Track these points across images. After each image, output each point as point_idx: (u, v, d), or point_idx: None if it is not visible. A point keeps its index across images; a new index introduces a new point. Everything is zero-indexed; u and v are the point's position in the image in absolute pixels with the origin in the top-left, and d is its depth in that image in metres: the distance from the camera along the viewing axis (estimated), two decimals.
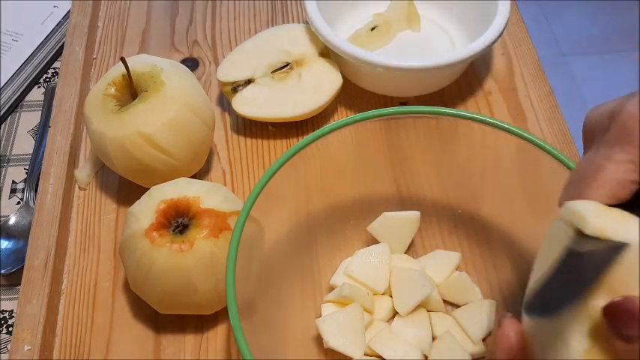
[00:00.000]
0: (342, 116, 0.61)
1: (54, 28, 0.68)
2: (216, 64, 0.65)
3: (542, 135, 0.59)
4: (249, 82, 0.58)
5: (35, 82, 0.65)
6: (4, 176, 0.58)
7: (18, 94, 0.63)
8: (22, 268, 0.49)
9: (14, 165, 0.59)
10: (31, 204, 0.56)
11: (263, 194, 0.42)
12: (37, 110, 0.63)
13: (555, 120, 0.60)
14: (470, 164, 0.49)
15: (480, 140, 0.47)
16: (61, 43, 0.67)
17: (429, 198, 0.52)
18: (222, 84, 0.58)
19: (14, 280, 0.52)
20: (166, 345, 0.48)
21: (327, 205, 0.50)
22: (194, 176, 0.53)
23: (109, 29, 0.68)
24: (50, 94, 0.63)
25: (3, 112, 0.62)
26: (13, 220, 0.55)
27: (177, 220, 0.45)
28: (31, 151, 0.59)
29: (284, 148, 0.59)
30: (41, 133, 0.60)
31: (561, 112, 0.61)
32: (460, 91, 0.63)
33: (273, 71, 0.58)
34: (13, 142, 0.61)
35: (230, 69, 0.59)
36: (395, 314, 0.48)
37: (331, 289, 0.49)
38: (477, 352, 0.46)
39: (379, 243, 0.50)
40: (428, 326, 0.47)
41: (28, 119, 0.62)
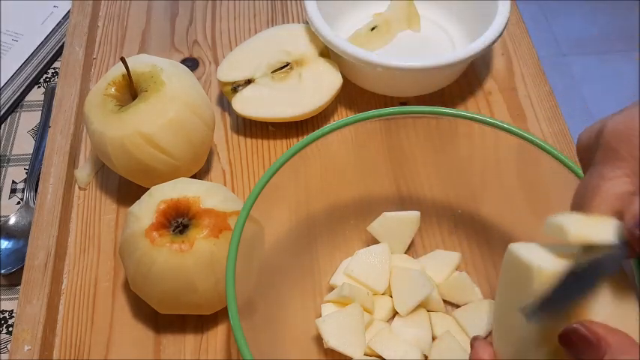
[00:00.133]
0: (342, 116, 0.61)
1: (54, 28, 0.68)
2: (216, 64, 0.65)
3: (542, 135, 0.59)
4: (249, 82, 0.58)
5: (35, 82, 0.65)
6: (4, 176, 0.58)
7: (18, 94, 0.63)
8: (22, 268, 0.49)
9: (14, 165, 0.59)
10: (31, 204, 0.56)
11: (263, 194, 0.42)
12: (37, 110, 0.63)
13: (555, 120, 0.60)
14: (470, 164, 0.49)
15: (480, 140, 0.47)
16: (61, 43, 0.67)
17: (429, 198, 0.52)
18: (222, 84, 0.58)
19: (14, 280, 0.52)
20: (166, 345, 0.48)
21: (327, 205, 0.50)
22: (194, 176, 0.53)
23: (109, 29, 0.68)
24: (50, 94, 0.63)
25: (3, 112, 0.62)
26: (13, 220, 0.55)
27: (178, 220, 0.45)
28: (31, 151, 0.59)
29: (284, 148, 0.59)
30: (41, 133, 0.60)
31: (561, 112, 0.61)
32: (460, 91, 0.63)
33: (273, 71, 0.58)
34: (13, 142, 0.61)
35: (230, 69, 0.59)
36: (395, 314, 0.48)
37: (331, 289, 0.49)
38: None
39: (379, 243, 0.50)
40: (428, 326, 0.47)
41: (28, 119, 0.62)
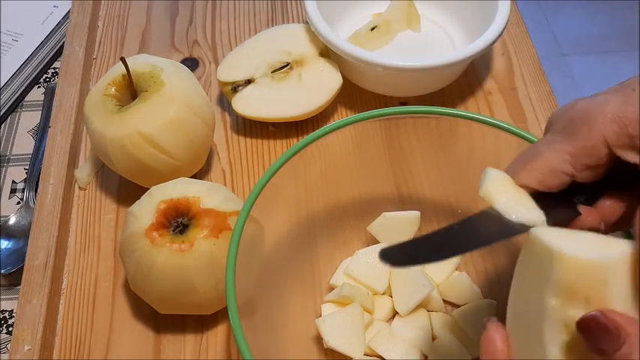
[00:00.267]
0: (342, 116, 0.61)
1: (54, 28, 0.68)
2: (216, 64, 0.65)
3: (542, 135, 0.59)
4: (249, 82, 0.58)
5: (35, 82, 0.65)
6: (4, 176, 0.58)
7: (18, 94, 0.63)
8: (22, 268, 0.49)
9: (14, 165, 0.59)
10: (31, 204, 0.56)
11: (263, 194, 0.42)
12: (37, 110, 0.63)
13: None
14: (470, 164, 0.49)
15: (480, 140, 0.47)
16: (61, 43, 0.67)
17: (429, 198, 0.52)
18: (222, 84, 0.58)
19: (14, 280, 0.52)
20: (166, 345, 0.48)
21: (327, 205, 0.50)
22: (194, 176, 0.53)
23: (109, 29, 0.68)
24: (50, 94, 0.63)
25: (3, 112, 0.62)
26: (13, 220, 0.55)
27: (178, 220, 0.45)
28: (31, 151, 0.59)
29: (284, 148, 0.59)
30: (41, 133, 0.60)
31: None
32: (460, 91, 0.63)
33: (273, 71, 0.58)
34: (13, 142, 0.61)
35: (230, 69, 0.59)
36: (395, 314, 0.48)
37: (331, 289, 0.49)
38: (477, 352, 0.46)
39: (379, 243, 0.50)
40: (428, 326, 0.47)
41: (28, 119, 0.62)
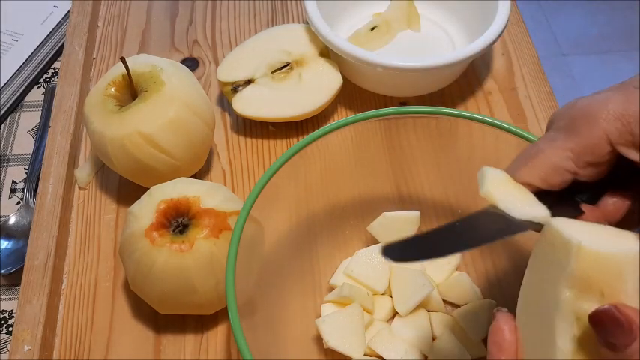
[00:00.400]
0: (342, 116, 0.61)
1: (54, 28, 0.68)
2: (216, 64, 0.65)
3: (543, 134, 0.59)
4: (249, 82, 0.58)
5: (35, 82, 0.65)
6: (4, 176, 0.58)
7: (18, 94, 0.63)
8: (22, 268, 0.49)
9: (14, 165, 0.59)
10: (31, 204, 0.56)
11: (263, 194, 0.42)
12: (37, 110, 0.63)
13: None
14: (470, 164, 0.49)
15: (480, 140, 0.47)
16: (61, 43, 0.67)
17: (429, 198, 0.52)
18: (222, 84, 0.58)
19: (14, 280, 0.52)
20: (166, 345, 0.48)
21: (327, 205, 0.50)
22: (194, 176, 0.53)
23: (109, 29, 0.68)
24: (50, 94, 0.63)
25: (3, 112, 0.62)
26: (13, 220, 0.55)
27: (178, 220, 0.45)
28: (31, 151, 0.59)
29: (284, 148, 0.59)
30: (41, 133, 0.60)
31: None
32: (460, 91, 0.63)
33: (273, 71, 0.58)
34: (13, 142, 0.61)
35: (230, 69, 0.58)
36: (395, 314, 0.48)
37: (331, 289, 0.49)
38: (477, 352, 0.46)
39: (379, 243, 0.50)
40: (428, 326, 0.47)
41: (28, 119, 0.62)
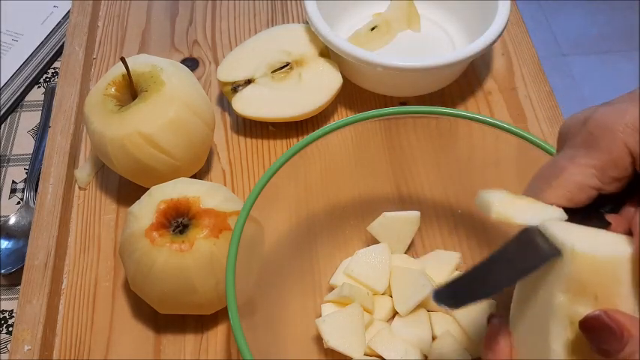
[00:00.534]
0: (342, 116, 0.61)
1: (54, 28, 0.68)
2: (216, 64, 0.65)
3: (542, 135, 0.59)
4: (249, 82, 0.58)
5: (35, 82, 0.65)
6: (4, 176, 0.58)
7: (18, 94, 0.63)
8: (22, 268, 0.49)
9: (14, 165, 0.59)
10: (31, 204, 0.56)
11: (263, 194, 0.42)
12: (37, 110, 0.63)
13: (555, 120, 0.60)
14: (470, 164, 0.49)
15: (480, 140, 0.47)
16: (61, 43, 0.67)
17: (429, 198, 0.52)
18: (222, 84, 0.58)
19: (14, 280, 0.52)
20: (166, 345, 0.48)
21: (327, 205, 0.50)
22: (194, 176, 0.53)
23: (109, 29, 0.68)
24: (50, 94, 0.63)
25: (3, 112, 0.62)
26: (13, 220, 0.55)
27: (178, 220, 0.45)
28: (31, 151, 0.59)
29: (284, 148, 0.59)
30: (41, 133, 0.60)
31: (561, 112, 0.61)
32: (460, 91, 0.63)
33: (273, 71, 0.58)
34: (13, 142, 0.61)
35: (230, 69, 0.59)
36: (395, 314, 0.48)
37: (331, 289, 0.49)
38: (477, 352, 0.46)
39: (379, 243, 0.50)
40: (428, 326, 0.47)
41: (28, 119, 0.62)
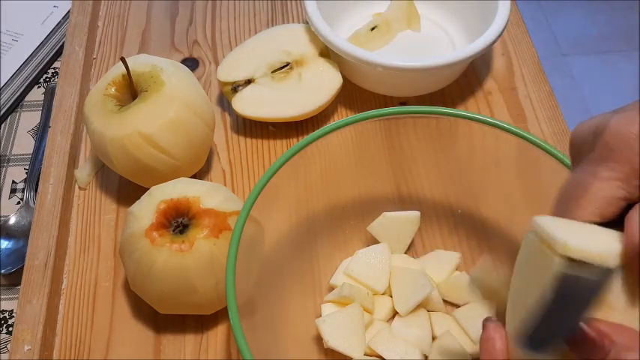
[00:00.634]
0: (342, 116, 0.61)
1: (54, 28, 0.68)
2: (216, 64, 0.65)
3: (542, 135, 0.59)
4: (249, 82, 0.58)
5: (35, 82, 0.65)
6: (4, 176, 0.58)
7: (18, 94, 0.63)
8: (22, 268, 0.49)
9: (14, 165, 0.59)
10: (31, 204, 0.56)
11: (263, 194, 0.42)
12: (37, 110, 0.63)
13: (555, 120, 0.60)
14: (470, 164, 0.49)
15: (480, 140, 0.47)
16: (61, 43, 0.67)
17: (429, 198, 0.52)
18: (222, 84, 0.58)
19: (14, 280, 0.52)
20: (166, 345, 0.48)
21: (327, 205, 0.50)
22: (194, 176, 0.53)
23: (109, 29, 0.68)
24: (50, 94, 0.63)
25: (3, 112, 0.62)
26: (13, 220, 0.55)
27: (178, 220, 0.45)
28: (31, 151, 0.59)
29: (284, 148, 0.59)
30: (41, 133, 0.60)
31: (561, 112, 0.61)
32: (460, 91, 0.63)
33: (273, 71, 0.58)
34: (13, 142, 0.61)
35: (230, 69, 0.59)
36: (395, 314, 0.48)
37: (331, 289, 0.49)
38: (477, 352, 0.46)
39: (379, 243, 0.50)
40: (428, 326, 0.47)
41: (28, 119, 0.62)
